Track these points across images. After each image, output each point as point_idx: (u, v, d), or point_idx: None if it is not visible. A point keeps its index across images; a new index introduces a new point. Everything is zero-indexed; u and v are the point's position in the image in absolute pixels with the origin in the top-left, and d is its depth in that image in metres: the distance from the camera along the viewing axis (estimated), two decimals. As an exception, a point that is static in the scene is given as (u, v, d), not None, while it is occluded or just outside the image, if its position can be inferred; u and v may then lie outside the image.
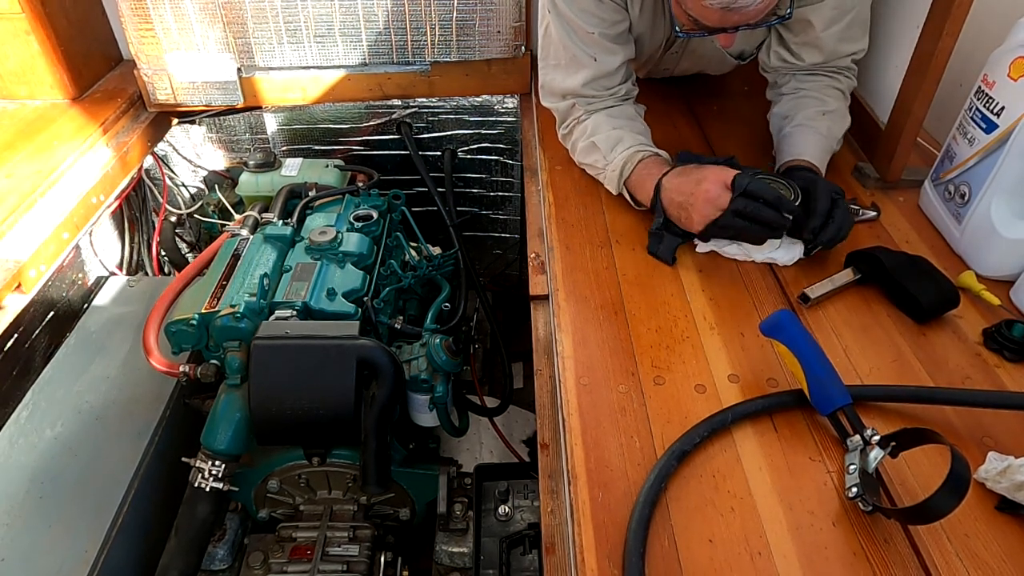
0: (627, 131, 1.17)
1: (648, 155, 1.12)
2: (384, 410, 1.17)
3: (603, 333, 0.93)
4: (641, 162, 1.11)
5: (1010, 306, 0.95)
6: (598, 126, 1.19)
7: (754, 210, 0.94)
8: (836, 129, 1.19)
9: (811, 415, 0.80)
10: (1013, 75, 0.93)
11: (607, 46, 1.16)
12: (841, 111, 1.20)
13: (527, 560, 1.26)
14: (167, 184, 1.81)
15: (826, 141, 1.16)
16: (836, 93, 1.20)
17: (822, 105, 1.18)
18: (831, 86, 1.21)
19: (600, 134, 1.17)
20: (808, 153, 1.12)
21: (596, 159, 1.18)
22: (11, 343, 1.37)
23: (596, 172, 1.21)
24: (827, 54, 1.18)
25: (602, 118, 1.19)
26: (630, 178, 1.12)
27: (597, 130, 1.18)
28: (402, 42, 1.60)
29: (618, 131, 1.16)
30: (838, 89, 1.21)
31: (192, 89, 1.64)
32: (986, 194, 0.97)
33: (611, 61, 1.17)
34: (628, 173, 1.13)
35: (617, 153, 1.14)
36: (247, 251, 1.37)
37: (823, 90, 1.20)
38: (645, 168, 1.10)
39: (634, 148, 1.13)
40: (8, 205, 1.27)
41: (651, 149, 1.14)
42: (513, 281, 2.12)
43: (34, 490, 1.19)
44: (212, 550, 1.29)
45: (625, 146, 1.14)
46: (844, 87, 1.21)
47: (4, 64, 1.55)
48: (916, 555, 0.67)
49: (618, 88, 1.21)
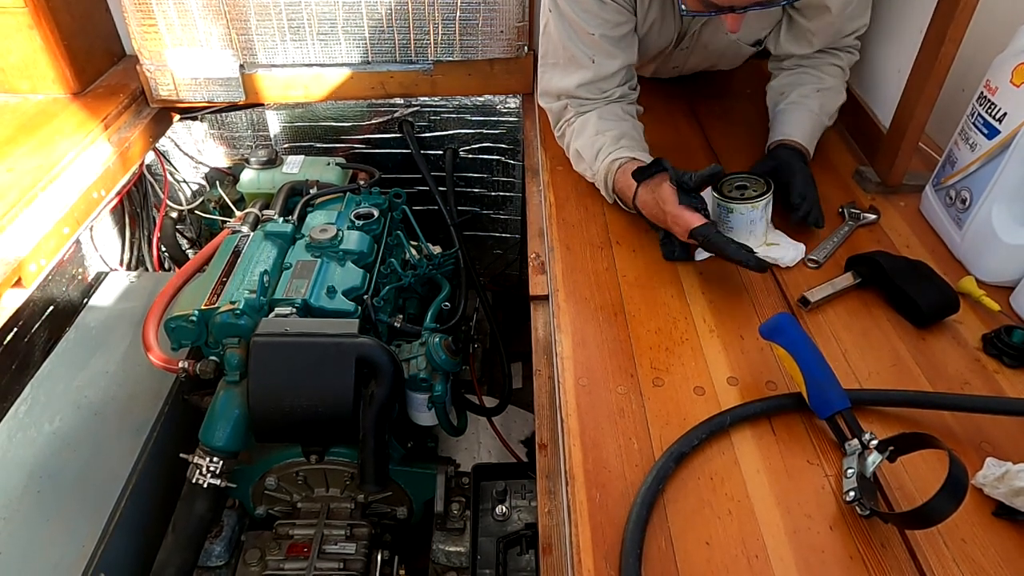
0: (609, 136, 1.14)
1: (624, 160, 1.11)
2: (383, 409, 1.17)
3: (603, 334, 0.93)
4: (619, 169, 1.11)
5: (1010, 312, 0.95)
6: (583, 129, 1.18)
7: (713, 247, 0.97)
8: (829, 105, 1.22)
9: (810, 419, 0.80)
10: (1016, 81, 0.93)
11: (607, 49, 1.15)
12: (837, 87, 1.23)
13: (524, 560, 1.26)
14: (168, 180, 1.81)
15: (817, 118, 1.20)
16: (835, 70, 1.22)
17: (818, 82, 1.21)
18: (831, 63, 1.22)
19: (583, 139, 1.17)
20: (796, 133, 1.18)
21: (584, 169, 1.20)
22: (10, 337, 1.37)
23: (589, 177, 1.21)
24: (835, 35, 1.20)
25: (590, 119, 1.17)
26: (616, 187, 1.13)
27: (580, 135, 1.18)
28: (405, 41, 1.60)
29: (600, 136, 1.15)
30: (837, 66, 1.22)
31: (194, 85, 1.64)
32: (987, 200, 0.97)
33: (609, 65, 1.16)
34: (611, 183, 1.13)
35: (599, 163, 1.14)
36: (247, 248, 1.37)
37: (822, 67, 1.22)
38: (623, 176, 1.10)
39: (612, 156, 1.12)
40: (9, 199, 1.27)
41: (626, 154, 1.11)
42: (513, 281, 2.12)
43: (32, 485, 1.19)
44: (209, 546, 1.29)
45: (605, 154, 1.13)
46: (844, 63, 1.23)
47: (6, 58, 1.55)
48: (913, 560, 0.67)
49: (613, 91, 1.20)
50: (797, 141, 1.17)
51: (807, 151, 1.19)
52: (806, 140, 1.18)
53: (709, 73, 1.53)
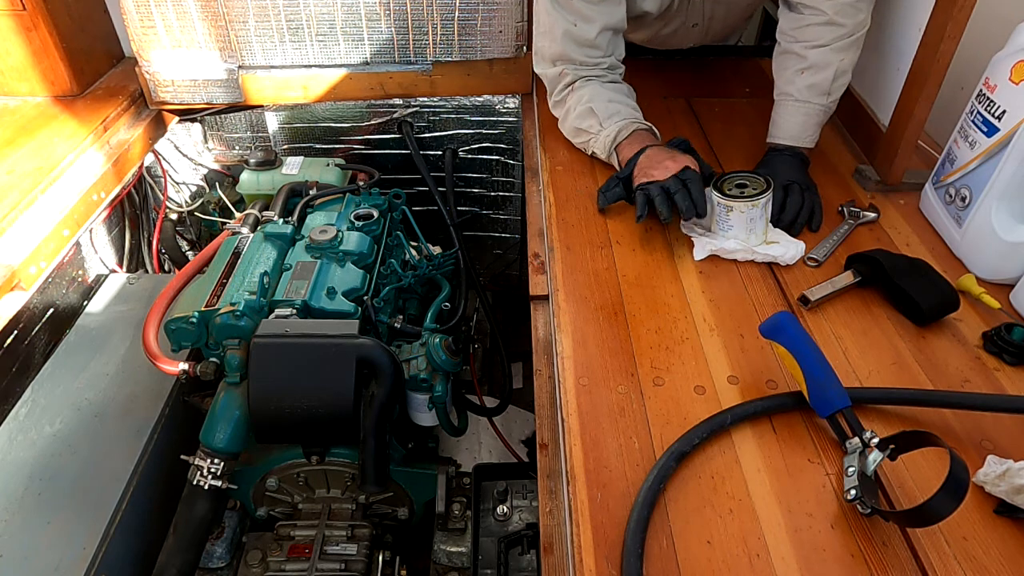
0: (624, 105, 1.25)
1: (644, 128, 1.21)
2: (383, 409, 1.17)
3: (603, 334, 0.93)
4: (635, 132, 1.20)
5: (1010, 309, 0.95)
6: (596, 95, 1.24)
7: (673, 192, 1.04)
8: (820, 80, 1.17)
9: (810, 417, 0.80)
10: (1014, 79, 0.93)
11: (586, 13, 1.20)
12: (824, 61, 1.16)
13: (525, 560, 1.26)
14: (168, 182, 1.81)
15: (805, 106, 1.19)
16: (824, 38, 1.15)
17: (800, 62, 1.18)
18: (824, 31, 1.15)
19: (598, 102, 1.24)
20: (784, 134, 1.20)
21: (591, 124, 1.25)
22: (10, 340, 1.37)
23: (586, 138, 1.26)
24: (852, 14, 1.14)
25: (599, 89, 1.25)
26: (622, 143, 1.20)
27: (595, 98, 1.24)
28: (404, 41, 1.60)
29: (616, 104, 1.24)
30: (833, 34, 1.15)
31: (193, 87, 1.64)
32: (987, 197, 0.97)
33: (590, 29, 1.22)
34: (622, 139, 1.20)
35: (615, 121, 1.22)
36: (247, 249, 1.37)
37: (809, 34, 1.16)
38: (638, 137, 1.19)
39: (631, 120, 1.22)
40: (8, 202, 1.27)
41: (647, 124, 1.22)
42: (513, 281, 2.12)
43: (33, 487, 1.19)
44: (210, 548, 1.29)
45: (622, 117, 1.22)
46: (850, 27, 1.15)
47: (5, 60, 1.55)
48: (914, 558, 0.67)
49: (603, 59, 1.26)
50: (783, 143, 1.20)
51: (799, 148, 1.20)
52: (796, 137, 1.20)
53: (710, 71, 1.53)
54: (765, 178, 1.06)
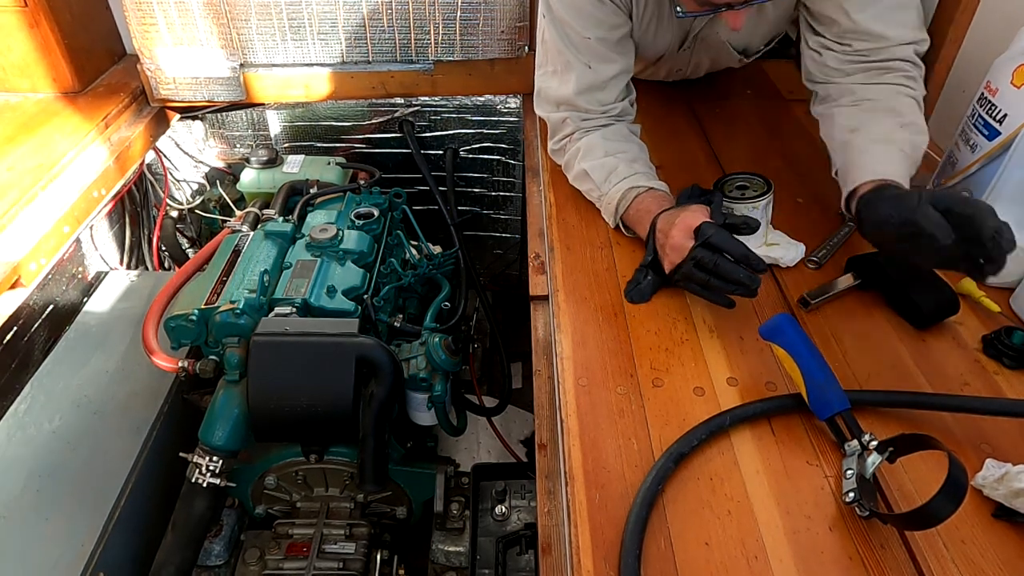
0: (622, 158, 1.10)
1: (643, 190, 1.05)
2: (382, 408, 1.17)
3: (602, 334, 0.93)
4: (637, 198, 1.05)
5: (1010, 313, 0.95)
6: (590, 150, 1.12)
7: (712, 264, 0.87)
8: (919, 142, 1.00)
9: (809, 419, 0.80)
10: (1016, 82, 0.93)
11: (603, 53, 1.11)
12: (919, 125, 1.02)
13: (523, 560, 1.26)
14: (168, 179, 1.81)
15: (910, 160, 0.97)
16: (909, 103, 1.03)
17: (898, 117, 1.01)
18: (901, 93, 1.04)
19: (592, 160, 1.11)
20: (892, 172, 0.93)
21: (590, 188, 1.14)
22: (10, 336, 1.37)
23: (592, 199, 1.16)
24: (875, 39, 1.04)
25: (595, 140, 1.13)
26: (627, 214, 1.07)
27: (589, 155, 1.12)
28: (405, 41, 1.60)
29: (611, 158, 1.10)
30: (911, 98, 1.04)
31: (195, 84, 1.64)
32: (988, 201, 0.97)
33: (606, 70, 1.12)
34: (624, 209, 1.07)
35: (611, 185, 1.09)
36: (247, 247, 1.37)
37: (893, 98, 1.03)
38: (642, 204, 1.04)
39: (628, 182, 1.07)
40: (9, 198, 1.27)
41: (646, 184, 1.06)
42: (513, 281, 2.12)
43: (31, 484, 1.19)
44: (208, 546, 1.29)
45: (620, 177, 1.08)
46: (917, 95, 1.04)
47: (7, 57, 1.55)
48: (912, 561, 0.67)
49: (613, 106, 1.15)
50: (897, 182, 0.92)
51: None
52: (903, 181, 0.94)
53: (711, 74, 1.53)
54: (766, 180, 1.05)
